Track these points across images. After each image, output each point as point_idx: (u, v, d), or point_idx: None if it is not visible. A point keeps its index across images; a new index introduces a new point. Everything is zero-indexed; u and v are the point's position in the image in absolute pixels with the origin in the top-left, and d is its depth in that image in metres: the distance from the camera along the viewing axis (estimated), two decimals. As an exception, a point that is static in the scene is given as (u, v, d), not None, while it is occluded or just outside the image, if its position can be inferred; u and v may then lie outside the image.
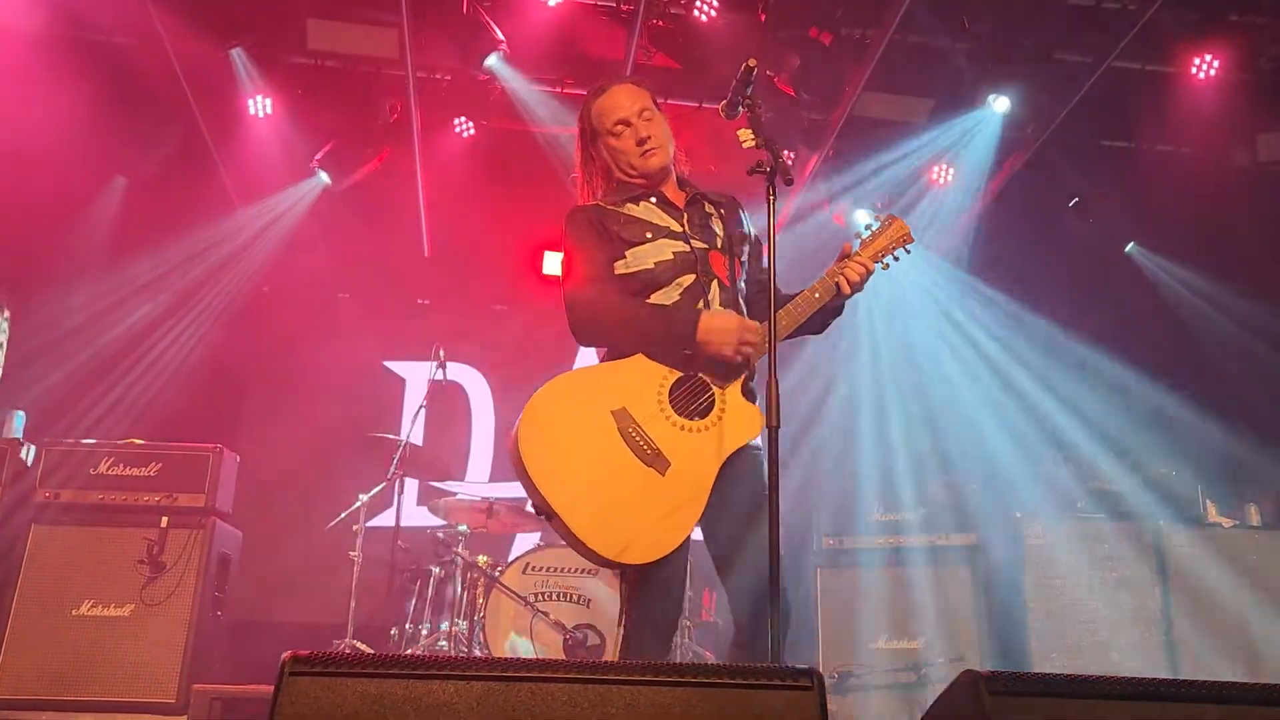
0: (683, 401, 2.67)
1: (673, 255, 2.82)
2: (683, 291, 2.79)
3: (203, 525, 4.88)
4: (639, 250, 2.83)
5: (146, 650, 4.67)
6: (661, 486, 2.56)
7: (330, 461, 6.68)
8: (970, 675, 1.68)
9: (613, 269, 2.84)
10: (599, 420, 2.60)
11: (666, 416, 2.64)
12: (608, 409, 2.62)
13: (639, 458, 2.57)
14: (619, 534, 2.49)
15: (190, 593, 4.77)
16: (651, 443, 2.59)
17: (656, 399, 2.65)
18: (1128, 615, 5.20)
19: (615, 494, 2.53)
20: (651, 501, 2.54)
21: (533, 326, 7.58)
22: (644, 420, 2.62)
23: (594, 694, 1.60)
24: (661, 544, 2.51)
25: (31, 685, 4.55)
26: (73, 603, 4.71)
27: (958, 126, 6.42)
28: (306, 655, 1.62)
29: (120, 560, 4.78)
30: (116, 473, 4.94)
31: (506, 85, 6.17)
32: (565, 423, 2.62)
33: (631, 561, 2.50)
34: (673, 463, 2.58)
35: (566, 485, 2.53)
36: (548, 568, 5.38)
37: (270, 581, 6.40)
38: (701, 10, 5.64)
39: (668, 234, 2.86)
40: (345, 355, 7.27)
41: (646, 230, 2.86)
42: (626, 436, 2.59)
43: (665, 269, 2.81)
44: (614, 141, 2.94)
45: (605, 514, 2.51)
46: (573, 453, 2.57)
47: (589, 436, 2.58)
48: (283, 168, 6.60)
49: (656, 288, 2.80)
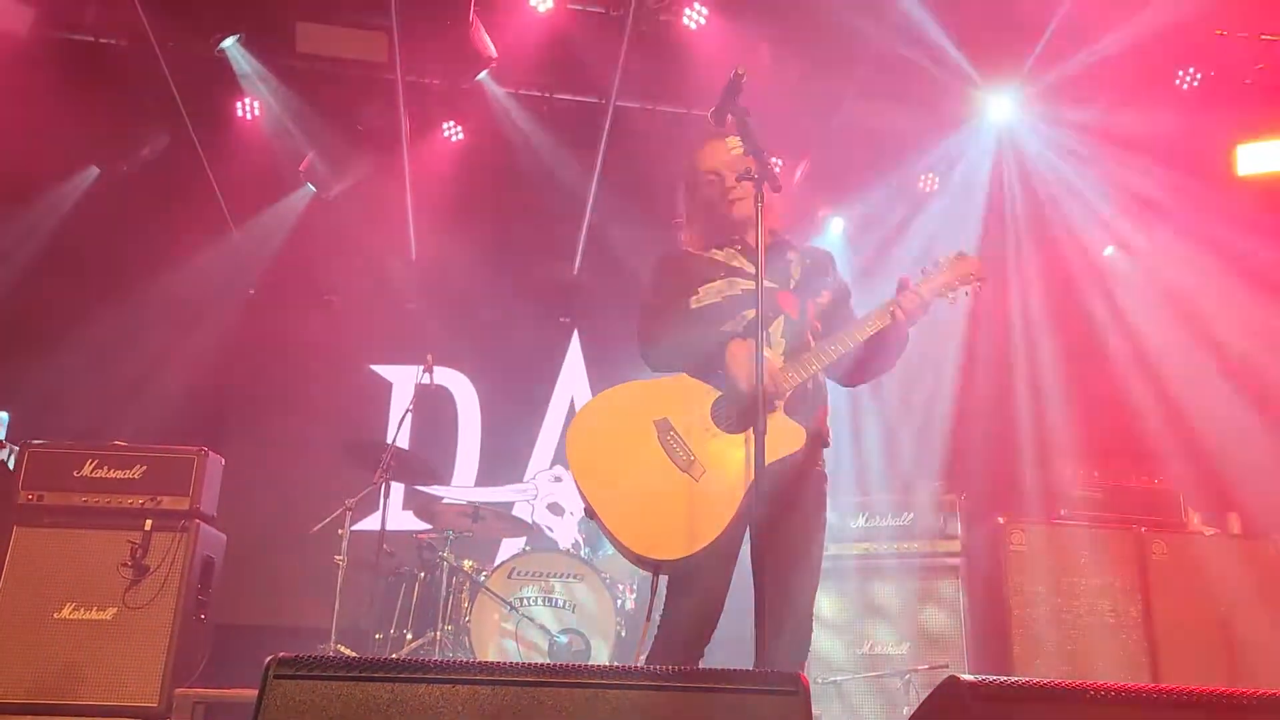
0: (724, 416, 2.80)
1: (742, 292, 2.95)
2: (746, 325, 2.88)
3: (187, 528, 4.85)
4: (711, 286, 2.97)
5: (129, 654, 4.63)
6: (695, 491, 2.70)
7: (316, 465, 6.66)
8: (953, 681, 1.70)
9: (687, 304, 2.97)
10: (640, 427, 2.78)
11: (705, 428, 2.79)
12: (650, 418, 2.79)
13: (675, 463, 2.73)
14: (649, 532, 2.66)
15: (173, 596, 4.73)
16: (689, 450, 2.75)
17: (699, 412, 2.81)
18: (1109, 622, 5.23)
19: (649, 495, 2.70)
20: (684, 504, 2.68)
21: (520, 332, 7.60)
22: (684, 430, 2.78)
23: (581, 698, 1.61)
24: (689, 544, 2.63)
25: (12, 689, 4.51)
26: (55, 606, 4.67)
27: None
28: (291, 658, 1.62)
29: (103, 563, 4.74)
30: (100, 475, 4.90)
31: (496, 91, 6.19)
32: (609, 428, 2.82)
33: (659, 557, 2.64)
34: (707, 470, 2.73)
35: (604, 484, 2.72)
36: (533, 572, 5.38)
37: (254, 585, 6.38)
38: (691, 18, 5.66)
39: (743, 274, 2.98)
40: (332, 358, 7.25)
41: (721, 270, 3.00)
42: (665, 443, 2.75)
43: (732, 304, 2.93)
44: (706, 190, 3.07)
45: (637, 512, 2.68)
46: (612, 455, 2.77)
47: (629, 441, 2.77)
48: (270, 171, 6.60)
49: (722, 320, 2.92)
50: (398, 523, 6.27)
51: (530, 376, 7.49)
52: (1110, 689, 1.72)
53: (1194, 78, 5.95)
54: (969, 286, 2.99)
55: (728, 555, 2.77)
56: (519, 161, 6.66)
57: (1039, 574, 5.29)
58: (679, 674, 1.66)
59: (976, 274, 2.99)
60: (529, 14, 5.68)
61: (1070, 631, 5.20)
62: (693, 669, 2.15)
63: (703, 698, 1.63)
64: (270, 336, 7.10)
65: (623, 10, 5.62)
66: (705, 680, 1.66)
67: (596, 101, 6.34)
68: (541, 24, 5.74)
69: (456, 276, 7.52)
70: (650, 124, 6.19)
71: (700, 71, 5.70)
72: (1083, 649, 5.16)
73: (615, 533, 2.65)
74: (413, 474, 5.93)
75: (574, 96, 6.44)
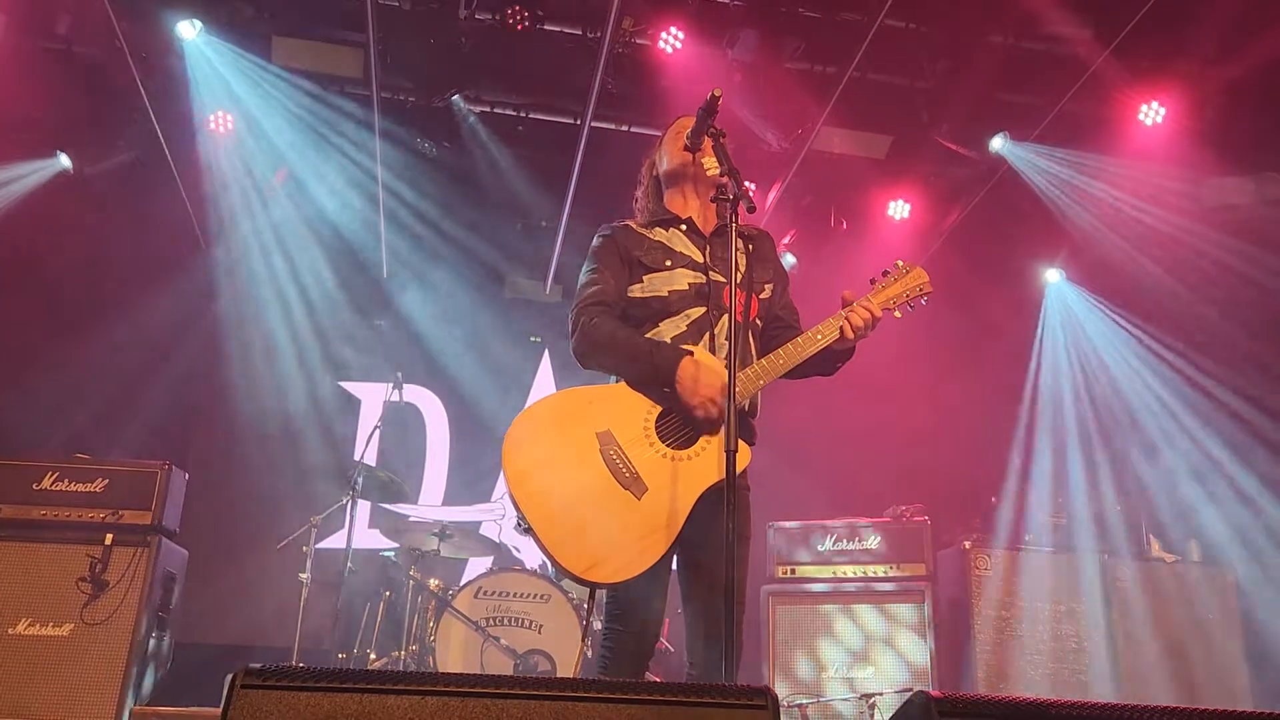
0: (669, 430, 2.70)
1: (687, 285, 2.86)
2: (690, 323, 2.82)
3: (148, 543, 4.77)
4: (655, 277, 2.88)
5: (85, 671, 4.53)
6: (636, 510, 2.56)
7: (281, 481, 6.60)
8: (921, 696, 1.70)
9: (624, 292, 2.89)
10: (582, 440, 2.63)
11: (650, 443, 2.66)
12: (593, 430, 2.65)
13: (617, 479, 2.59)
14: (588, 551, 2.51)
15: (133, 612, 4.65)
16: (631, 466, 2.61)
17: (643, 425, 2.68)
18: (1073, 647, 5.29)
19: (589, 512, 2.55)
20: (624, 523, 2.54)
21: (491, 350, 7.58)
22: (627, 444, 2.64)
23: (550, 710, 1.60)
24: (630, 566, 2.51)
25: (-36, 705, 4.41)
26: (9, 621, 4.57)
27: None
28: (259, 668, 1.59)
29: (60, 578, 4.65)
30: (60, 488, 4.82)
31: (470, 109, 6.21)
32: (549, 438, 2.65)
33: (598, 580, 2.51)
34: (650, 488, 2.59)
35: (541, 498, 2.56)
36: (500, 592, 5.34)
37: (216, 603, 6.28)
38: (667, 41, 5.72)
39: (688, 264, 2.90)
40: (300, 375, 7.19)
41: (666, 258, 2.91)
42: (607, 458, 2.61)
43: (677, 299, 2.85)
44: (673, 157, 3.01)
45: (577, 530, 2.53)
46: (552, 468, 2.60)
47: (570, 454, 2.61)
48: (241, 183, 6.55)
49: (666, 316, 2.84)
50: (363, 540, 6.21)
51: (501, 395, 7.47)
52: (1076, 705, 1.73)
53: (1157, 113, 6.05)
54: (921, 298, 2.94)
55: (664, 573, 2.72)
56: (492, 180, 6.67)
57: (1004, 598, 5.34)
58: (646, 687, 1.65)
59: (924, 286, 2.94)
60: (505, 34, 5.70)
61: (1035, 656, 5.25)
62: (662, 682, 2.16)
63: (671, 710, 1.62)
64: (237, 352, 7.04)
65: (599, 32, 5.66)
66: (673, 694, 1.65)
67: (571, 122, 6.38)
68: (517, 44, 5.76)
69: (428, 294, 7.50)
70: (624, 144, 6.24)
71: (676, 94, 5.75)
72: (1047, 673, 5.21)
73: (552, 550, 2.50)
74: (379, 492, 5.88)
75: (549, 117, 6.46)
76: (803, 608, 5.48)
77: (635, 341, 2.79)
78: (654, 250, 2.93)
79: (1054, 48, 5.81)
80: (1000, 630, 5.26)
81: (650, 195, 3.13)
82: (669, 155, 3.07)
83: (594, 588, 2.59)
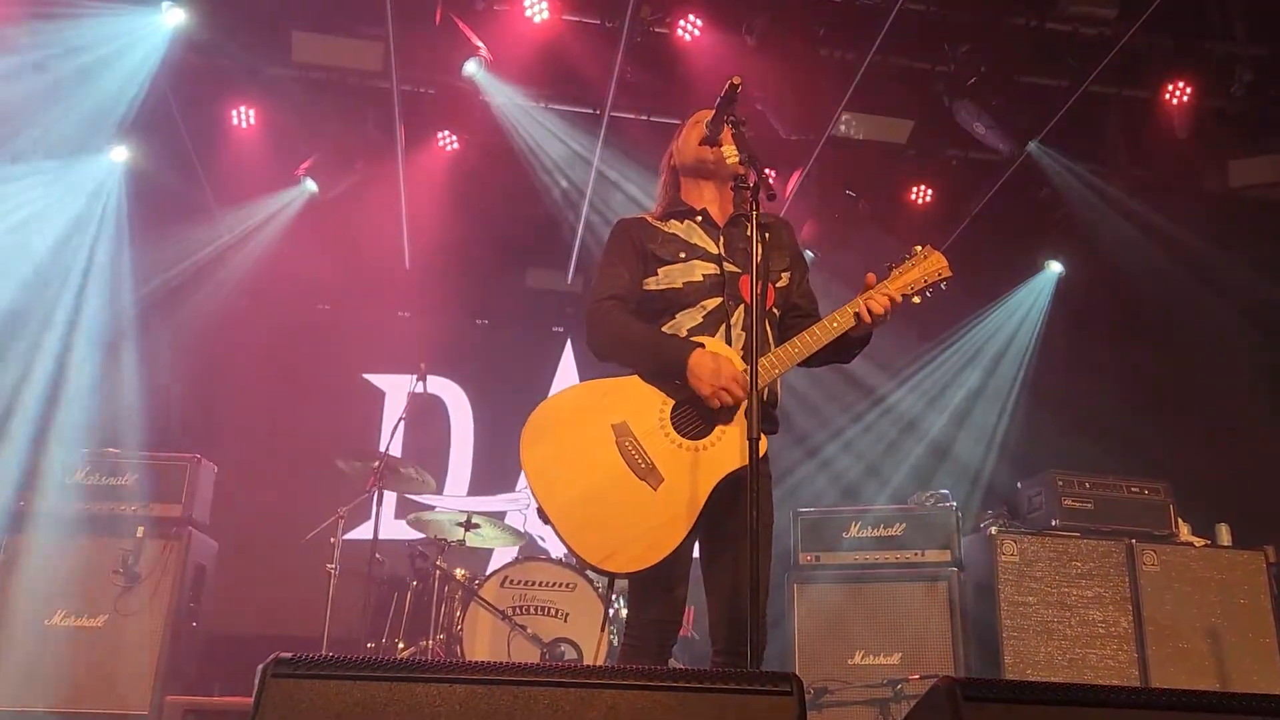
0: (685, 421, 2.71)
1: (702, 277, 2.86)
2: (706, 314, 2.83)
3: (179, 536, 4.85)
4: (670, 269, 2.89)
5: (120, 661, 4.63)
6: (652, 500, 2.59)
7: (308, 473, 6.64)
8: (947, 681, 1.71)
9: (640, 285, 2.90)
10: (598, 431, 2.67)
11: (665, 434, 2.68)
12: (608, 422, 2.68)
13: (633, 470, 2.62)
14: (605, 541, 2.54)
15: (165, 603, 4.73)
16: (646, 457, 2.63)
17: (659, 416, 2.70)
18: (1100, 633, 5.25)
19: (605, 503, 2.58)
20: (641, 514, 2.57)
21: (513, 341, 7.60)
22: (642, 435, 2.67)
23: (576, 698, 1.61)
24: (645, 556, 2.54)
25: (3, 695, 4.50)
26: (46, 613, 4.66)
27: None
28: (290, 658, 1.62)
29: (95, 570, 4.74)
30: (92, 482, 4.90)
31: (490, 100, 6.21)
32: (565, 431, 2.69)
33: (615, 569, 2.54)
34: (666, 478, 2.61)
35: (559, 490, 2.61)
36: (526, 581, 5.37)
37: (246, 594, 6.35)
38: (685, 29, 5.70)
39: (703, 255, 2.90)
40: (325, 367, 7.24)
41: (681, 250, 2.91)
42: (623, 449, 2.64)
43: (692, 290, 2.85)
44: (692, 149, 3.02)
45: (593, 521, 2.57)
46: (568, 460, 2.64)
47: (586, 446, 2.65)
48: (264, 179, 6.60)
49: (682, 308, 2.85)
50: (390, 531, 6.26)
51: (523, 386, 7.48)
52: (1104, 690, 1.73)
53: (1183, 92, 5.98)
54: (936, 284, 2.87)
55: (685, 561, 2.72)
56: (513, 171, 6.68)
57: (1031, 584, 5.31)
58: (671, 674, 1.67)
59: (943, 271, 2.87)
60: (525, 24, 5.71)
61: (1062, 642, 5.22)
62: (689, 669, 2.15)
63: (696, 697, 1.64)
64: (264, 345, 7.09)
65: (618, 22, 5.65)
66: (699, 680, 1.66)
67: (592, 112, 6.37)
68: (537, 34, 5.76)
69: (450, 285, 7.52)
70: (645, 134, 6.23)
71: (695, 82, 5.74)
72: (1074, 659, 5.18)
73: (569, 541, 2.55)
74: (405, 483, 5.92)
75: (569, 107, 6.46)
76: (828, 594, 5.47)
77: (646, 336, 2.82)
78: (669, 243, 2.93)
79: (1078, 28, 5.75)
80: (1027, 617, 5.24)
81: (668, 187, 3.13)
82: (686, 148, 3.08)
83: (613, 577, 2.64)
